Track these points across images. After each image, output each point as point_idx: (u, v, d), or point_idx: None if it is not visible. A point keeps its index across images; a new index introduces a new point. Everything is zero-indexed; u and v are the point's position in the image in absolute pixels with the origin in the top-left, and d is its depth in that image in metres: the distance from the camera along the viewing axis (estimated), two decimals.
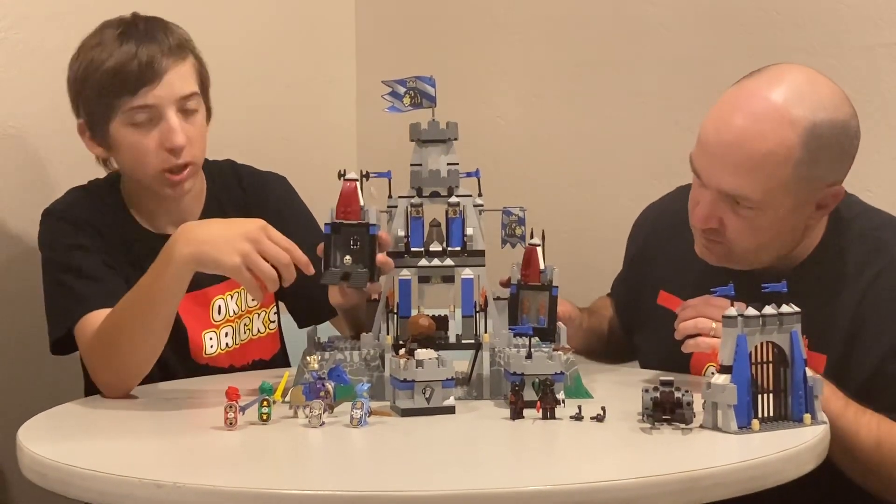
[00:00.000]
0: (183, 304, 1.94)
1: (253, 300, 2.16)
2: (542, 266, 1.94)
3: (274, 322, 2.23)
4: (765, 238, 1.88)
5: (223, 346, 2.15)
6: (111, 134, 2.07)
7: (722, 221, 1.88)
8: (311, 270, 1.82)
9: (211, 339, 2.14)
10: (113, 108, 2.05)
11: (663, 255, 2.13)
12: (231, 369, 2.15)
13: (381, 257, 1.83)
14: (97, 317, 1.96)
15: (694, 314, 1.83)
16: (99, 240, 2.08)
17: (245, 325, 2.18)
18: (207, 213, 2.15)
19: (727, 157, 1.83)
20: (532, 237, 1.93)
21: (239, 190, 2.22)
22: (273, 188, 2.24)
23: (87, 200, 2.13)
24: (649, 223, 2.21)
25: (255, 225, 1.83)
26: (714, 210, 1.87)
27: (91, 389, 2.06)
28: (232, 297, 2.16)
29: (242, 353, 2.18)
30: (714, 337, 1.79)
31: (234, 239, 1.80)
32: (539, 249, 1.95)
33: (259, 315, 2.20)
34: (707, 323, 1.81)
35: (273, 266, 1.80)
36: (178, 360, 2.08)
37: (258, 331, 2.20)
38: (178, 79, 2.06)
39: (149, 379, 1.97)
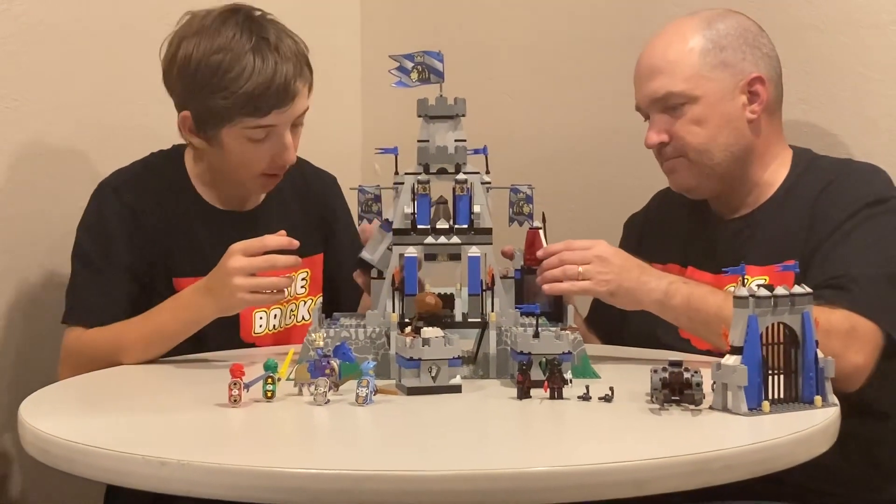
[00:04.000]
0: None
1: (302, 288, 2.22)
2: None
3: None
4: (709, 128, 2.06)
5: (271, 326, 2.19)
6: (221, 138, 2.09)
7: (670, 133, 2.08)
8: (294, 244, 1.93)
9: (261, 318, 2.18)
10: (233, 122, 2.05)
11: (652, 234, 2.24)
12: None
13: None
14: (81, 336, 2.06)
15: (557, 262, 1.92)
16: (134, 230, 2.11)
17: (291, 310, 2.22)
18: (271, 197, 2.22)
19: (646, 70, 2.10)
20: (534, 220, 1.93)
21: (302, 181, 2.29)
22: (331, 187, 2.34)
23: (143, 178, 2.16)
24: (639, 222, 2.29)
25: (229, 257, 1.93)
26: (659, 125, 2.09)
27: None
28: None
29: (287, 336, 2.20)
30: (584, 280, 1.90)
31: (226, 281, 1.93)
32: (541, 232, 1.94)
33: (305, 303, 2.23)
34: (573, 268, 1.90)
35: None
36: (225, 337, 2.11)
37: (303, 318, 2.23)
38: (302, 101, 2.09)
39: (187, 353, 2.03)
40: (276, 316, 2.19)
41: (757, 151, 2.09)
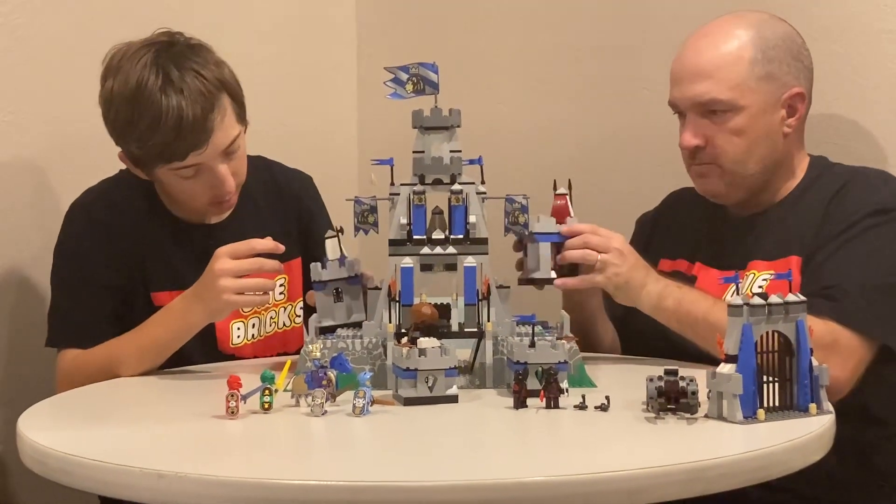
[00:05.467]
0: None
1: (280, 294, 2.21)
2: (571, 215, 1.99)
3: (300, 317, 2.26)
4: (748, 140, 2.05)
5: (249, 336, 2.19)
6: (156, 175, 2.10)
7: (707, 138, 2.07)
8: (280, 249, 1.97)
9: (238, 328, 2.17)
10: (159, 165, 2.06)
11: (663, 232, 2.25)
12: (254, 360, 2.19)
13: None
14: (72, 357, 2.08)
15: (580, 244, 1.94)
16: (108, 247, 2.12)
17: (271, 317, 2.22)
18: (241, 207, 2.20)
19: (690, 71, 2.07)
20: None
21: (273, 186, 2.28)
22: (306, 188, 2.33)
23: (113, 194, 2.17)
24: (649, 221, 2.30)
25: (216, 260, 1.95)
26: (697, 127, 2.07)
27: None
28: None
29: (267, 345, 2.21)
30: (597, 272, 1.93)
31: (213, 284, 1.94)
32: (567, 199, 2.00)
33: (285, 309, 2.24)
34: (593, 255, 1.93)
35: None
36: (204, 349, 2.11)
37: (283, 324, 2.24)
38: (223, 132, 2.05)
39: (169, 367, 2.03)
40: (254, 325, 2.19)
41: (785, 163, 2.10)
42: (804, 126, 2.14)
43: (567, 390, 1.73)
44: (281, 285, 2.20)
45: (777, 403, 1.64)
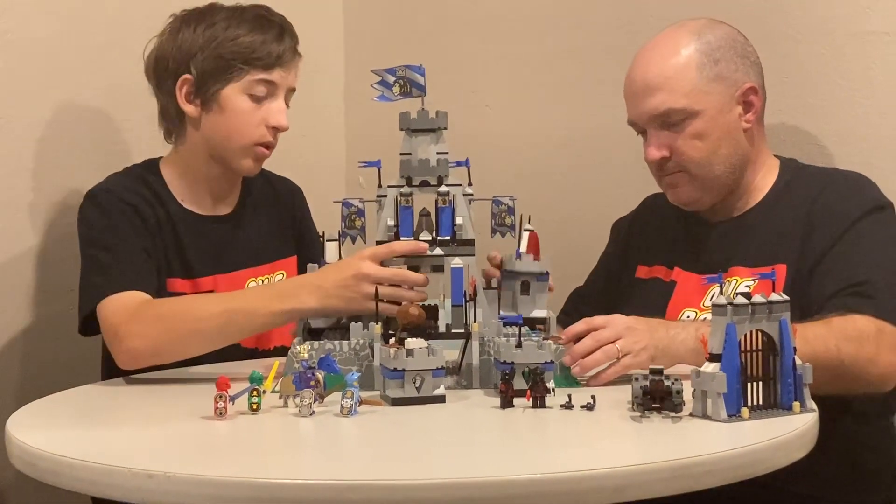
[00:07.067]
0: (220, 284, 2.12)
1: None
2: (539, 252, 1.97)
3: None
4: (711, 142, 2.08)
5: None
6: (222, 96, 2.14)
7: (671, 148, 2.09)
8: (423, 248, 1.87)
9: None
10: (240, 74, 2.12)
11: (640, 237, 2.27)
12: (255, 351, 2.20)
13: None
14: (129, 297, 2.01)
15: (593, 344, 1.83)
16: (138, 221, 2.12)
17: None
18: (241, 203, 2.26)
19: (642, 87, 2.10)
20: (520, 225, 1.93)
21: (269, 187, 2.33)
22: (299, 197, 2.38)
23: (128, 183, 2.18)
24: (625, 226, 2.32)
25: (362, 261, 1.88)
26: (659, 139, 2.09)
27: (109, 373, 2.10)
28: (263, 281, 2.23)
29: (268, 337, 2.21)
30: (624, 356, 1.82)
31: (356, 286, 1.88)
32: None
33: None
34: (612, 348, 1.83)
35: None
36: None
37: None
38: (296, 73, 2.20)
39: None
40: None
41: (750, 159, 2.12)
42: (763, 125, 2.16)
43: (553, 390, 1.75)
44: (279, 280, 2.21)
45: (761, 402, 1.65)
